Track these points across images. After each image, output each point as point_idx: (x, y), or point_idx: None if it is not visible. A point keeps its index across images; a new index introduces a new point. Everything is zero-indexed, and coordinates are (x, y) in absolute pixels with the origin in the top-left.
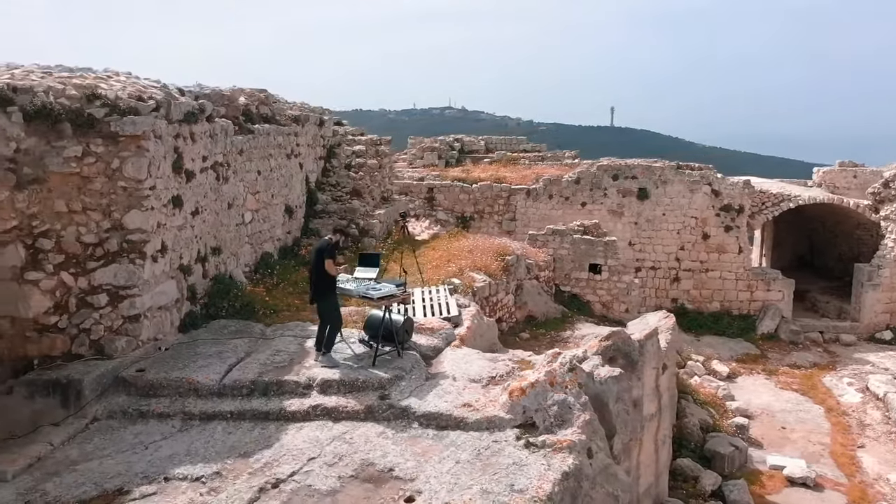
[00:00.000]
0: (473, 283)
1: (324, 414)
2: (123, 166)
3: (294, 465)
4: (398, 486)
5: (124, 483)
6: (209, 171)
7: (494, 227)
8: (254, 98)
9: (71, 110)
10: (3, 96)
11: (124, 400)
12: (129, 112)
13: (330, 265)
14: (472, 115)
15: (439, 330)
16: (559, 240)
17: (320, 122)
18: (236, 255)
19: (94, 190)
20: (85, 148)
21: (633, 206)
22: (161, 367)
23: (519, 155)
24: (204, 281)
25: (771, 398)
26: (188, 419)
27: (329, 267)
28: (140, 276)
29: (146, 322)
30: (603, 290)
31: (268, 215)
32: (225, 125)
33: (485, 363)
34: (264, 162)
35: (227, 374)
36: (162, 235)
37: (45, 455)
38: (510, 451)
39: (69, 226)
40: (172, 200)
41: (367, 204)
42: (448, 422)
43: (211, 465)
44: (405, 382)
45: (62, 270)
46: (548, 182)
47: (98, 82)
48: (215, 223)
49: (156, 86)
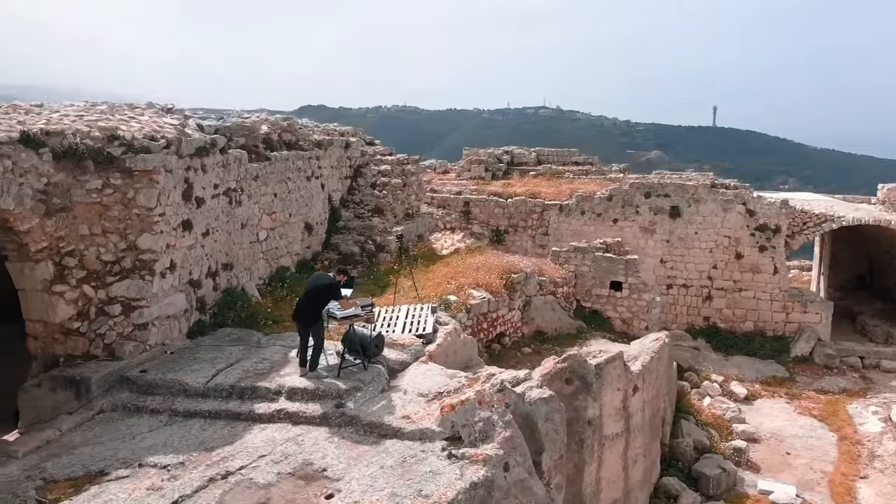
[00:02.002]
0: (470, 300)
1: (286, 418)
2: (137, 196)
3: (245, 461)
4: (324, 485)
5: (106, 466)
6: (221, 197)
7: (528, 242)
8: (276, 126)
9: (94, 149)
10: (37, 140)
11: (126, 396)
12: (142, 150)
13: (345, 303)
14: (567, 114)
15: (409, 346)
16: (580, 257)
17: (346, 145)
18: (250, 269)
19: (113, 216)
20: (105, 181)
21: (665, 224)
22: (161, 369)
23: (564, 169)
24: (214, 293)
25: (784, 423)
26: (174, 416)
27: (344, 304)
28: (149, 290)
29: (153, 329)
30: (623, 307)
31: (285, 232)
32: (239, 155)
33: (441, 379)
34: (281, 185)
35: (212, 378)
36: (171, 255)
37: (53, 439)
38: (432, 460)
39: (91, 246)
40: (182, 224)
41: (386, 221)
42: (387, 431)
43: (179, 456)
44: (361, 393)
45: (84, 284)
46: (580, 198)
47: (120, 124)
48: (227, 242)
49: (173, 123)
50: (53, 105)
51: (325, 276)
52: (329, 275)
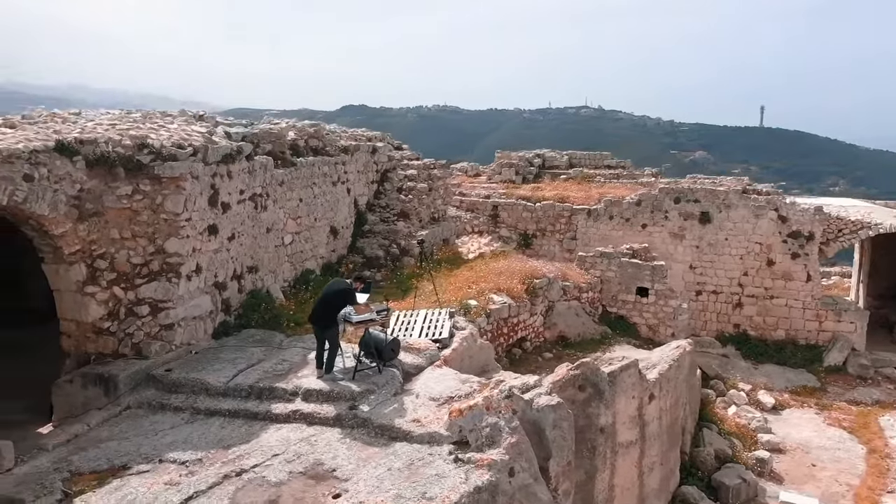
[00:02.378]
0: (490, 304)
1: (301, 418)
2: (165, 202)
3: (259, 459)
4: (333, 484)
5: (129, 461)
6: (247, 202)
7: (556, 246)
8: (303, 133)
9: (124, 157)
10: (71, 148)
11: (152, 394)
12: (170, 158)
13: (359, 308)
14: (609, 114)
15: (425, 350)
16: (607, 262)
17: (373, 150)
18: (274, 272)
19: (142, 221)
20: (135, 187)
21: (694, 230)
22: (185, 368)
23: (595, 172)
24: (239, 295)
25: (812, 434)
26: (195, 414)
27: (358, 310)
28: (175, 292)
29: (179, 330)
30: (649, 313)
31: (310, 236)
32: (265, 161)
33: (454, 383)
34: (307, 190)
35: (233, 378)
36: (197, 258)
37: (81, 433)
38: (439, 463)
39: (121, 250)
40: (208, 229)
41: (411, 225)
42: (397, 433)
43: (198, 453)
44: (374, 396)
45: (114, 285)
46: (609, 203)
47: (150, 132)
48: (252, 245)
49: (201, 131)
50: (90, 113)
51: (342, 282)
52: (346, 281)
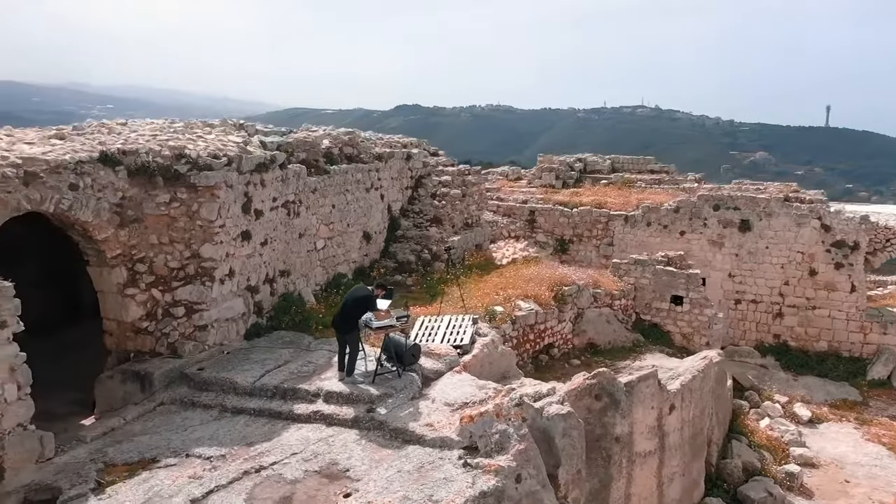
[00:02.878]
0: (516, 311)
1: (321, 419)
2: (200, 209)
3: (278, 457)
4: (345, 484)
5: (158, 454)
6: (280, 209)
7: (592, 252)
8: (338, 141)
9: (163, 167)
10: (114, 158)
11: (184, 391)
12: (206, 167)
13: (379, 315)
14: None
15: (445, 356)
16: (641, 269)
17: (408, 157)
18: (306, 276)
19: (179, 227)
20: (172, 195)
21: (734, 238)
22: (216, 367)
23: (636, 178)
24: (271, 298)
25: (848, 449)
26: (223, 411)
27: (378, 317)
28: (209, 295)
29: (212, 330)
30: (684, 321)
31: (342, 241)
32: (298, 170)
33: (470, 389)
34: (340, 196)
35: (260, 378)
36: (230, 263)
37: (117, 427)
38: (448, 468)
39: (159, 254)
40: (241, 235)
41: (443, 231)
42: (411, 437)
43: (221, 449)
44: (392, 399)
45: (153, 288)
46: (647, 209)
47: (188, 143)
48: (285, 250)
49: (237, 141)
50: (136, 123)
51: (363, 289)
52: (368, 288)
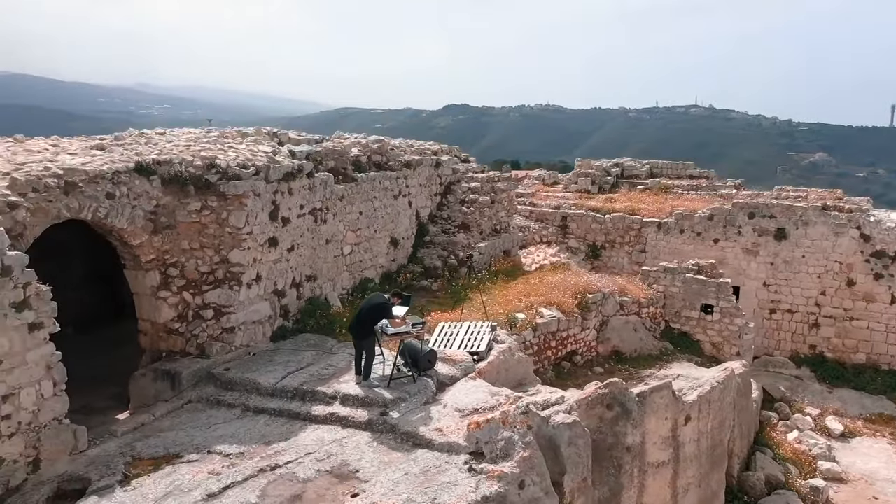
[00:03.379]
0: (538, 318)
1: (336, 421)
2: (229, 217)
3: (293, 456)
4: (354, 485)
5: (182, 450)
6: (307, 216)
7: (625, 258)
8: (367, 149)
9: (195, 176)
10: (149, 168)
11: (211, 390)
12: (235, 177)
13: (395, 322)
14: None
15: (460, 362)
16: (670, 277)
17: (437, 164)
18: (333, 280)
19: (209, 233)
20: (203, 203)
21: (769, 246)
22: (241, 368)
23: (673, 183)
24: (297, 302)
25: (880, 465)
26: (246, 411)
27: (393, 324)
28: (236, 299)
29: (239, 333)
30: (714, 331)
31: (370, 247)
32: (325, 178)
33: (483, 396)
34: (367, 203)
35: (281, 380)
36: (257, 268)
37: (147, 423)
38: (453, 472)
39: (190, 259)
40: (268, 241)
41: (471, 237)
42: (420, 441)
43: (241, 447)
44: (405, 404)
45: (184, 291)
46: (680, 216)
47: (218, 153)
48: (312, 256)
49: (266, 151)
50: (174, 132)
51: (379, 297)
52: (384, 295)
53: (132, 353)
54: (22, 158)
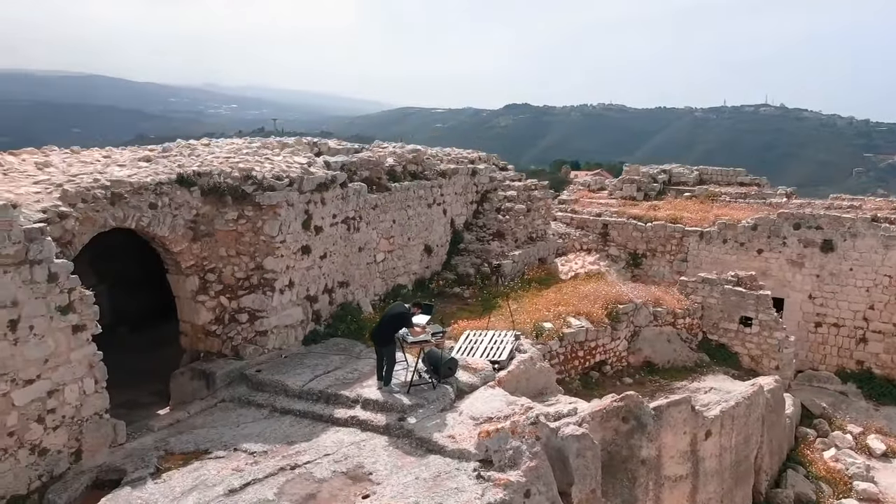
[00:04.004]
0: (565, 328)
1: (356, 424)
2: (263, 226)
3: (312, 457)
4: (366, 486)
5: (211, 447)
6: (339, 225)
7: (665, 267)
8: (402, 159)
9: (232, 187)
10: (190, 180)
11: (243, 390)
12: (269, 188)
13: (415, 331)
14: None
15: (481, 370)
16: (708, 288)
17: (473, 172)
18: (365, 286)
19: (245, 241)
20: (240, 213)
21: (815, 258)
22: (272, 370)
23: (721, 191)
24: (329, 307)
25: None
26: (273, 411)
27: (413, 332)
28: (269, 304)
29: (272, 336)
30: (752, 343)
31: (403, 254)
32: (358, 188)
33: (499, 404)
34: (401, 212)
35: (308, 382)
36: (290, 275)
37: (182, 419)
38: (462, 478)
39: (227, 265)
40: (301, 249)
41: (505, 245)
42: (433, 447)
43: (265, 446)
44: (423, 410)
45: (221, 295)
46: (723, 226)
47: (255, 165)
48: (344, 263)
49: (301, 163)
50: (219, 143)
51: (400, 306)
52: (405, 305)
53: (177, 352)
54: (76, 170)
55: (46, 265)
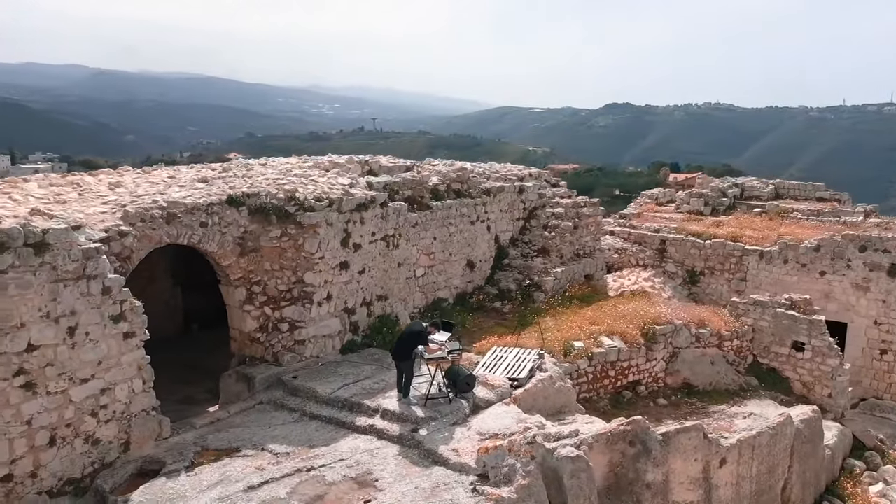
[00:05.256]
0: (595, 347)
1: (373, 432)
2: (304, 243)
3: (328, 461)
4: (370, 491)
5: (241, 445)
6: (379, 242)
7: (724, 286)
8: (446, 178)
9: (277, 207)
10: (239, 200)
11: (279, 394)
12: (310, 209)
13: (430, 348)
14: None
15: (498, 387)
16: (760, 311)
17: (520, 190)
18: (405, 300)
19: (287, 257)
20: (283, 231)
21: (881, 283)
22: (307, 377)
23: (792, 207)
24: (368, 319)
25: None
26: (302, 416)
27: (429, 350)
28: (308, 315)
29: (309, 345)
30: (804, 369)
31: (444, 269)
32: (398, 207)
33: (509, 422)
34: (442, 229)
35: (337, 390)
36: (328, 289)
37: (222, 419)
38: (458, 491)
39: (271, 279)
40: (340, 265)
41: (549, 262)
42: (438, 458)
43: (288, 448)
44: (435, 423)
45: (265, 306)
46: (784, 246)
47: (299, 186)
48: (383, 277)
49: (343, 184)
50: (274, 162)
51: (418, 325)
52: (423, 324)
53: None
54: (142, 190)
55: (101, 280)
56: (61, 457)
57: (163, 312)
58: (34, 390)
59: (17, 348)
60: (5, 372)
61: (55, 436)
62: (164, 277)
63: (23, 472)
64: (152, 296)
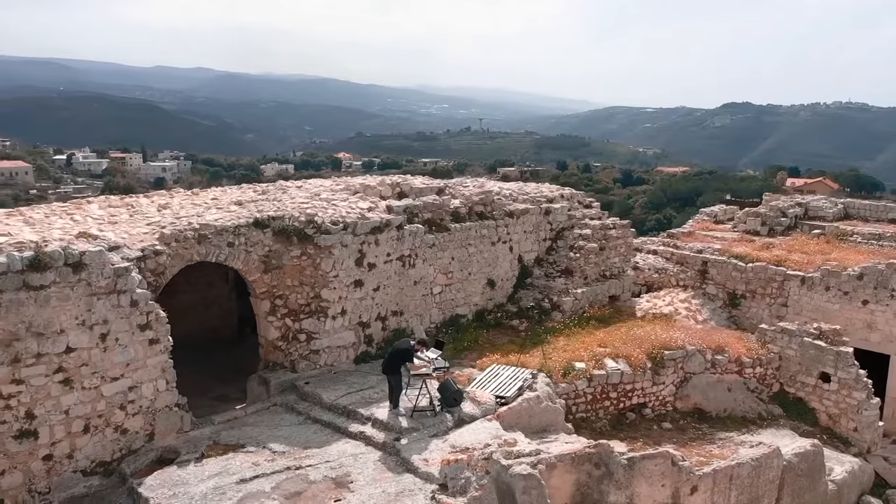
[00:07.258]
0: (597, 369)
1: (362, 438)
2: (321, 262)
3: (315, 462)
4: (343, 492)
5: (247, 443)
6: (394, 262)
7: (764, 311)
8: (469, 201)
9: (298, 229)
10: (264, 223)
11: (291, 398)
12: (325, 232)
13: (414, 366)
14: None
15: (484, 403)
16: (787, 339)
17: (546, 211)
18: (421, 315)
19: (306, 274)
20: (302, 250)
21: None
22: (317, 384)
23: (852, 230)
24: (382, 332)
25: None
26: (306, 419)
27: (412, 367)
28: (322, 328)
29: (323, 355)
30: (830, 401)
31: (462, 287)
32: (414, 230)
33: (483, 437)
34: (461, 250)
35: (340, 397)
36: (343, 304)
37: (238, 417)
38: (419, 497)
39: (292, 294)
40: (354, 282)
41: (571, 282)
42: (410, 466)
43: (285, 447)
44: (416, 434)
45: (286, 317)
46: (826, 272)
47: (319, 210)
48: (398, 294)
49: (363, 208)
50: (310, 183)
51: (406, 343)
52: (410, 342)
53: None
54: (184, 212)
55: (130, 294)
56: (94, 442)
57: (219, 315)
58: (71, 385)
59: (58, 350)
60: (47, 370)
61: (89, 424)
62: (221, 284)
63: (61, 454)
64: (211, 299)
